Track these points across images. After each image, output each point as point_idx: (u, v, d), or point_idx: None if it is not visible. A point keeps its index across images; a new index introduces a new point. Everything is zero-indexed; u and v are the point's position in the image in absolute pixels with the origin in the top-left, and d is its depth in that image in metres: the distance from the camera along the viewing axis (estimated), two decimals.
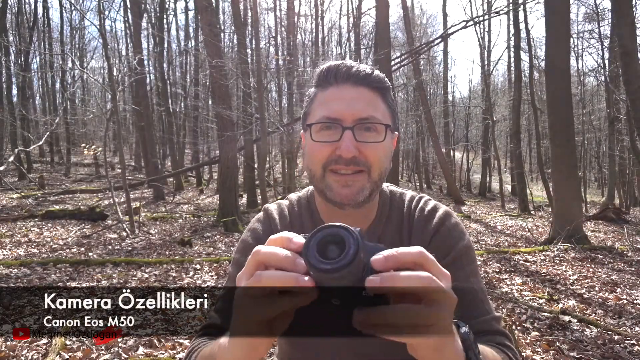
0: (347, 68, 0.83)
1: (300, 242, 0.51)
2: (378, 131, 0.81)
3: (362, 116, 0.80)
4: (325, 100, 0.83)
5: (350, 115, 0.79)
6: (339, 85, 0.83)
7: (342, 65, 0.83)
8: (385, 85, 0.85)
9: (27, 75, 19.23)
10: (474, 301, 0.82)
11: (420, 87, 19.38)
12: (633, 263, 6.31)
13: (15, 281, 4.68)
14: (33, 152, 20.62)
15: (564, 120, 7.73)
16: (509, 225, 11.14)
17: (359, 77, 0.82)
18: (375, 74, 0.84)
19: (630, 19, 6.79)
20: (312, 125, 0.82)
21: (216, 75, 9.26)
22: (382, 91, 0.84)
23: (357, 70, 0.83)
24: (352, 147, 0.78)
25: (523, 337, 3.44)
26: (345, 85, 0.82)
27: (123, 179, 9.11)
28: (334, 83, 0.83)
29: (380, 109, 0.83)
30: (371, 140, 0.80)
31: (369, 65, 0.85)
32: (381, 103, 0.84)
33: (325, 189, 0.82)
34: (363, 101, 0.81)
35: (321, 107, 0.83)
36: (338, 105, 0.81)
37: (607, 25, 17.39)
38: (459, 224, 0.90)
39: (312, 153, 0.83)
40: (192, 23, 25.23)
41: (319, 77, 0.86)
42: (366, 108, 0.80)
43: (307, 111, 0.87)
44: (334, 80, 0.83)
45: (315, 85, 0.87)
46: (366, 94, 0.82)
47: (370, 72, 0.83)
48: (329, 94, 0.83)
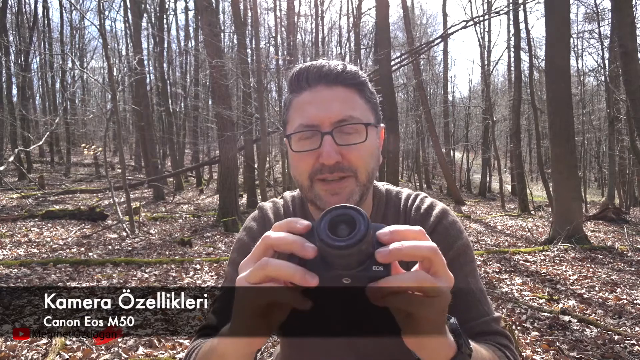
0: (318, 68, 0.79)
1: (306, 224, 0.52)
2: (359, 131, 0.78)
3: (339, 118, 0.77)
4: (300, 106, 0.80)
5: (327, 118, 0.76)
6: (312, 88, 0.79)
7: (312, 66, 0.80)
8: (359, 79, 0.81)
9: (27, 75, 19.23)
10: (472, 302, 0.81)
11: (420, 87, 19.38)
12: (633, 263, 6.31)
13: (15, 281, 4.68)
14: (33, 152, 20.62)
15: (564, 120, 7.73)
16: (509, 225, 11.14)
17: (331, 76, 0.79)
18: (347, 69, 0.80)
19: (630, 19, 6.80)
20: (291, 136, 0.80)
21: (216, 75, 9.26)
22: (358, 87, 0.81)
23: (329, 69, 0.79)
24: (333, 153, 0.75)
25: (523, 337, 3.44)
26: (318, 86, 0.79)
27: (123, 179, 9.11)
28: (307, 87, 0.80)
29: (358, 106, 0.80)
30: (353, 142, 0.77)
31: (340, 62, 0.81)
32: (358, 99, 0.80)
33: (315, 199, 0.80)
34: (339, 101, 0.78)
35: (297, 114, 0.80)
36: (313, 109, 0.78)
37: (607, 25, 17.40)
38: (456, 222, 0.88)
39: (296, 164, 0.81)
40: (192, 23, 25.24)
41: (290, 81, 0.83)
42: (343, 108, 0.77)
43: (285, 119, 0.85)
44: (305, 83, 0.80)
45: (290, 91, 0.83)
46: (341, 92, 0.79)
47: (343, 69, 0.79)
48: (302, 98, 0.80)
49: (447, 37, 18.11)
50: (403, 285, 0.50)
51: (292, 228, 0.52)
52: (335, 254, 0.47)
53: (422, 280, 0.50)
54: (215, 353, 0.63)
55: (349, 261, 0.48)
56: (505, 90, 29.15)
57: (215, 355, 0.63)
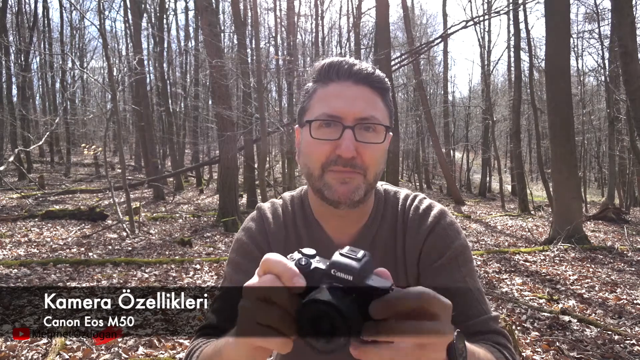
0: (350, 65, 0.81)
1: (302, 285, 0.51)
2: (378, 132, 0.80)
3: (363, 115, 0.78)
4: (326, 97, 0.81)
5: (352, 114, 0.78)
6: (340, 83, 0.81)
7: (344, 62, 0.82)
8: (385, 85, 0.84)
9: (27, 75, 19.22)
10: (470, 301, 0.82)
11: (420, 87, 19.38)
12: (633, 263, 6.31)
13: (15, 281, 4.68)
14: (33, 152, 20.62)
15: (564, 120, 7.73)
16: (509, 225, 11.14)
17: (361, 76, 0.81)
18: (376, 73, 0.83)
19: (630, 19, 6.79)
20: (311, 122, 0.81)
21: (216, 75, 9.26)
22: (382, 92, 0.83)
23: (359, 68, 0.81)
24: (352, 147, 0.76)
25: (523, 337, 3.44)
26: (347, 82, 0.81)
27: (123, 179, 9.11)
28: (335, 80, 0.81)
29: (380, 109, 0.82)
30: (371, 140, 0.79)
31: (370, 65, 0.84)
32: (381, 103, 0.83)
33: (323, 188, 0.81)
34: (364, 100, 0.80)
35: (321, 103, 0.81)
36: (339, 102, 0.79)
37: (607, 25, 17.38)
38: (454, 223, 0.89)
39: (310, 151, 0.81)
40: (192, 23, 25.24)
41: (319, 72, 0.84)
42: (367, 108, 0.79)
43: (305, 106, 0.85)
44: (335, 76, 0.81)
45: (315, 81, 0.85)
46: (367, 93, 0.81)
47: (372, 72, 0.82)
48: (329, 90, 0.81)
49: (447, 37, 18.11)
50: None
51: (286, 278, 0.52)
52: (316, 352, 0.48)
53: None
54: (220, 357, 0.64)
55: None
56: (505, 90, 29.15)
57: (220, 359, 0.63)
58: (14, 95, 20.41)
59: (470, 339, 0.74)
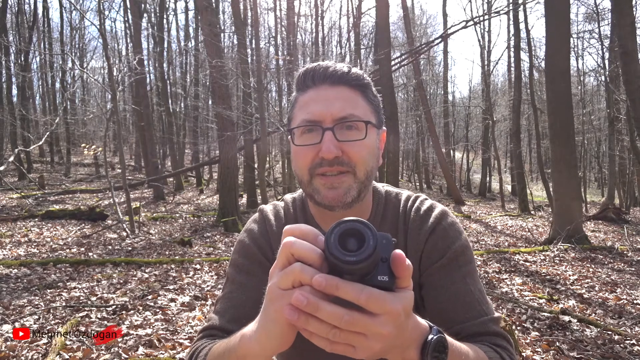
0: (324, 69, 0.83)
1: (319, 237, 0.53)
2: (359, 129, 0.80)
3: (341, 115, 0.79)
4: (305, 104, 0.83)
5: (330, 115, 0.79)
6: (317, 87, 0.83)
7: (319, 66, 0.83)
8: (363, 82, 0.84)
9: (27, 75, 19.22)
10: (470, 302, 0.81)
11: (420, 87, 19.39)
12: (633, 263, 6.31)
13: (15, 281, 4.67)
14: (33, 152, 20.63)
15: (564, 120, 7.72)
16: (509, 225, 11.14)
17: (336, 77, 0.82)
18: (352, 71, 0.83)
19: (630, 19, 6.79)
20: (293, 130, 0.83)
21: (216, 75, 9.26)
22: (361, 88, 0.84)
23: (334, 70, 0.82)
24: (332, 148, 0.77)
25: (523, 337, 3.43)
26: (323, 86, 0.82)
27: (123, 179, 9.10)
28: (312, 85, 0.83)
29: (360, 106, 0.82)
30: (352, 138, 0.80)
31: (346, 64, 0.85)
32: (361, 100, 0.83)
33: (313, 193, 0.82)
34: (342, 100, 0.81)
35: (301, 110, 0.83)
36: (317, 106, 0.80)
37: (607, 25, 17.40)
38: (455, 224, 0.89)
39: (296, 158, 0.83)
40: (192, 23, 25.29)
41: (297, 81, 0.86)
42: (345, 107, 0.80)
43: (290, 116, 0.88)
44: (311, 82, 0.83)
45: (296, 90, 0.87)
46: (345, 92, 0.82)
47: (347, 71, 0.83)
48: (307, 96, 0.83)
49: (447, 37, 18.10)
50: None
51: (305, 236, 0.52)
52: (346, 268, 0.49)
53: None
54: (234, 354, 0.63)
55: (357, 272, 0.50)
56: (505, 90, 29.16)
57: (235, 355, 0.63)
58: (14, 95, 20.43)
59: (469, 340, 0.74)
